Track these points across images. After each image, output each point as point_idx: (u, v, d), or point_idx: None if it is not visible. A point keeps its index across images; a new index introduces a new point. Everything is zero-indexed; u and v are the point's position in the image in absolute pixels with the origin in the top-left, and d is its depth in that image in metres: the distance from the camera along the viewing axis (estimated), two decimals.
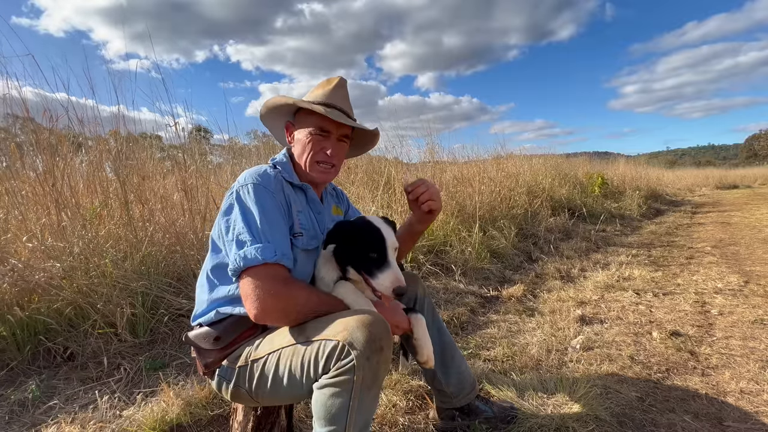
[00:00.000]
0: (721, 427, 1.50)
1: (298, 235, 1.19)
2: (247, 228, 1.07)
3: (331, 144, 1.25)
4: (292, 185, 1.24)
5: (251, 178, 1.15)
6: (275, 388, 1.06)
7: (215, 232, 1.18)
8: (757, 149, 62.70)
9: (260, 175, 1.16)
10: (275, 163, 1.27)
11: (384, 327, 1.01)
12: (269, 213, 1.11)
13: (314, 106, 1.20)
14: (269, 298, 1.02)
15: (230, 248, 1.08)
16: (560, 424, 1.46)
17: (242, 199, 1.12)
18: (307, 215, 1.25)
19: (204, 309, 1.19)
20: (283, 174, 1.22)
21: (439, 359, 1.45)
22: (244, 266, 1.04)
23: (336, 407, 0.96)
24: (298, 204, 1.23)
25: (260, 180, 1.14)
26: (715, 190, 17.05)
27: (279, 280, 1.05)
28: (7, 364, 1.85)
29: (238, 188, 1.14)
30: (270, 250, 1.05)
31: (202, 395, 1.61)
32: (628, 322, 2.50)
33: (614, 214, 6.87)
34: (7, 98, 2.34)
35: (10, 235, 2.11)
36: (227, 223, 1.11)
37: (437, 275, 3.28)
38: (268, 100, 1.30)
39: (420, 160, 5.42)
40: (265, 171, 1.19)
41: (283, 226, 1.14)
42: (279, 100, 1.28)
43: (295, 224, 1.19)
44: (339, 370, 0.96)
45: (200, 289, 1.23)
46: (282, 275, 1.06)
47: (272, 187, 1.15)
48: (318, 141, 1.24)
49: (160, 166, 3.17)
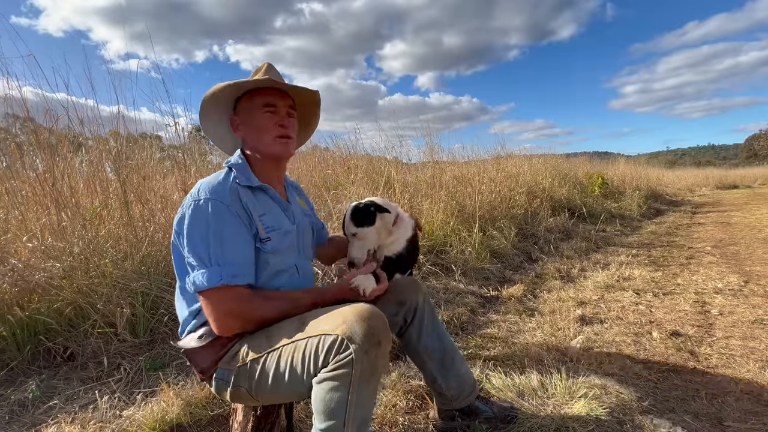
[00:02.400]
0: (721, 427, 1.50)
1: (265, 240, 1.16)
2: (193, 251, 1.07)
3: (282, 117, 1.23)
4: (251, 189, 1.19)
5: (204, 192, 1.10)
6: (276, 385, 1.06)
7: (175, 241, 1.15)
8: (757, 149, 62.71)
9: (213, 187, 1.12)
10: (230, 166, 1.21)
11: (382, 321, 1.02)
12: (222, 230, 1.08)
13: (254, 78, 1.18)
14: (223, 319, 1.08)
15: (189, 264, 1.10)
16: (560, 424, 1.46)
17: (194, 215, 1.08)
18: (272, 215, 1.21)
19: (186, 319, 1.19)
20: (239, 179, 1.16)
21: (440, 363, 1.44)
22: (194, 291, 1.07)
23: (335, 401, 0.97)
24: (259, 207, 1.18)
25: (213, 194, 1.10)
26: (715, 190, 17.05)
27: (233, 301, 1.07)
28: (7, 364, 1.85)
29: (192, 202, 1.10)
30: (215, 274, 1.05)
31: (202, 395, 1.61)
32: (628, 322, 2.50)
33: (614, 214, 6.87)
34: (7, 98, 2.35)
35: (10, 235, 2.11)
36: (181, 237, 1.10)
37: (437, 275, 3.28)
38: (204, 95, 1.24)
39: (420, 160, 5.43)
40: (218, 182, 1.14)
41: (239, 240, 1.10)
42: (217, 87, 1.22)
43: (260, 230, 1.15)
44: (337, 363, 0.97)
45: (179, 304, 1.21)
46: (237, 296, 1.08)
47: (226, 198, 1.10)
48: (269, 118, 1.21)
49: (160, 166, 3.17)
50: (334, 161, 4.52)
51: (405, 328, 1.44)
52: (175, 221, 1.13)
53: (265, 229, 1.17)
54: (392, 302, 1.40)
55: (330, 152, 4.88)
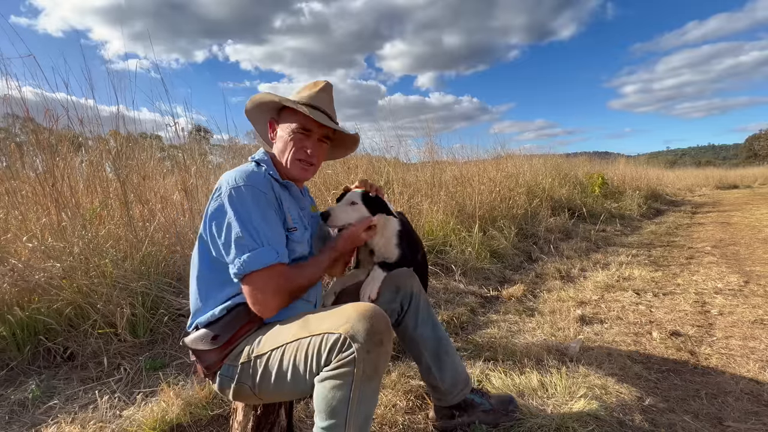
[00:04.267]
0: (721, 427, 1.50)
1: (292, 230, 1.23)
2: (246, 232, 1.09)
3: (312, 143, 1.28)
4: (278, 182, 1.26)
5: (241, 180, 1.15)
6: (279, 383, 1.07)
7: (205, 232, 1.18)
8: (757, 149, 62.69)
9: (249, 175, 1.17)
10: (258, 161, 1.28)
11: (385, 321, 1.03)
12: (265, 214, 1.13)
13: (299, 106, 1.22)
14: (272, 299, 1.12)
15: (228, 252, 1.11)
16: (560, 424, 1.46)
17: (235, 201, 1.12)
18: (294, 210, 1.29)
19: (202, 311, 1.19)
20: (269, 171, 1.24)
21: (434, 354, 1.46)
22: (247, 271, 1.08)
23: (337, 400, 0.97)
24: (287, 200, 1.26)
25: (250, 180, 1.15)
26: (715, 190, 17.05)
27: (280, 278, 1.12)
28: (7, 364, 1.85)
29: (230, 189, 1.13)
30: (271, 253, 1.10)
31: (202, 395, 1.61)
32: (628, 322, 2.50)
33: (614, 214, 6.87)
34: (7, 98, 2.35)
35: (10, 235, 2.11)
36: (221, 226, 1.12)
37: (437, 275, 3.28)
38: (255, 96, 1.32)
39: (420, 160, 5.43)
40: (252, 170, 1.21)
41: (279, 224, 1.17)
42: (265, 97, 1.29)
43: (288, 219, 1.23)
44: (340, 362, 0.97)
45: (195, 293, 1.22)
46: (282, 273, 1.13)
47: (263, 186, 1.17)
48: (300, 139, 1.26)
49: (160, 166, 3.17)
50: (333, 161, 4.52)
51: (402, 315, 1.46)
52: (208, 211, 1.16)
53: (293, 219, 1.25)
54: (390, 288, 1.44)
55: None
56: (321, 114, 1.26)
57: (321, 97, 1.30)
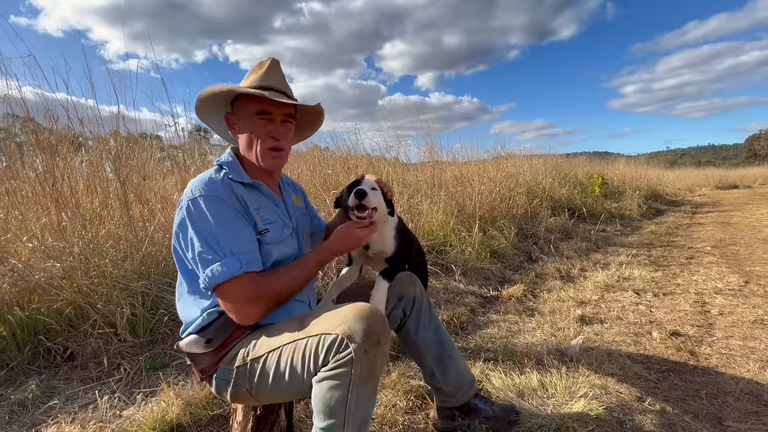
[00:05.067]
0: (721, 427, 1.50)
1: (264, 232, 1.17)
2: (206, 245, 1.06)
3: (276, 127, 1.20)
4: (243, 185, 1.19)
5: (198, 190, 1.10)
6: (276, 384, 1.07)
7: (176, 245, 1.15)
8: (757, 149, 62.67)
9: (206, 184, 1.11)
10: (221, 164, 1.21)
11: (382, 321, 1.02)
12: (226, 222, 1.08)
13: (249, 90, 1.15)
14: (244, 307, 1.08)
15: (197, 266, 1.08)
16: (560, 424, 1.46)
17: (193, 214, 1.08)
18: (267, 209, 1.22)
19: (193, 318, 1.17)
20: (231, 175, 1.17)
21: (437, 357, 1.46)
22: (213, 285, 1.06)
23: (335, 400, 0.97)
24: (255, 201, 1.19)
25: (207, 190, 1.10)
26: (715, 190, 17.05)
27: (250, 286, 1.08)
28: (7, 364, 1.85)
29: (187, 202, 1.09)
30: (235, 262, 1.06)
31: (202, 395, 1.61)
32: (628, 322, 2.50)
33: (614, 214, 6.87)
34: (7, 98, 2.35)
35: (10, 235, 2.11)
36: (185, 241, 1.09)
37: (437, 275, 3.28)
38: (201, 93, 1.22)
39: (419, 160, 5.43)
40: (210, 178, 1.14)
41: (245, 229, 1.12)
42: (212, 89, 1.20)
43: (258, 222, 1.17)
44: (337, 362, 0.97)
45: (182, 305, 1.21)
46: (252, 280, 1.08)
47: (221, 193, 1.11)
48: (262, 126, 1.18)
49: (160, 166, 3.17)
50: (334, 161, 4.52)
51: (404, 320, 1.46)
52: (175, 225, 1.13)
53: (263, 221, 1.18)
54: (392, 297, 1.43)
55: (330, 152, 4.88)
56: (276, 93, 1.17)
57: (270, 76, 1.21)
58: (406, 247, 1.52)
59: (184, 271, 1.18)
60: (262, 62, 1.25)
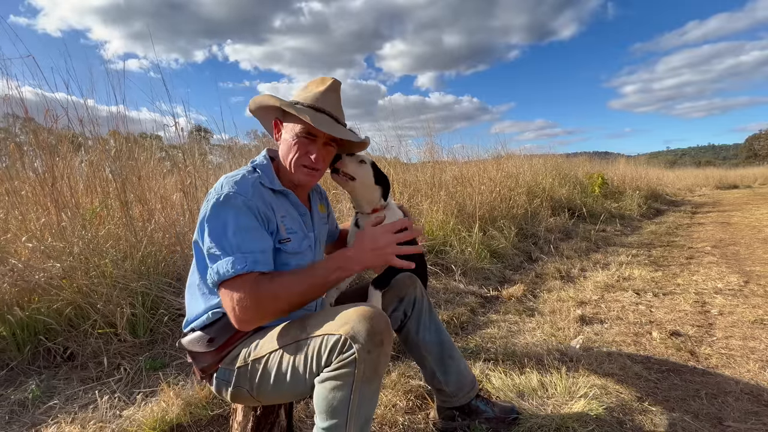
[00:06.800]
0: (721, 427, 1.50)
1: (285, 241, 1.16)
2: (217, 242, 1.05)
3: (317, 148, 1.20)
4: (272, 191, 1.19)
5: (228, 186, 1.10)
6: (278, 385, 1.07)
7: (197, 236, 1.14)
8: (757, 149, 62.68)
9: (237, 182, 1.11)
10: (255, 167, 1.21)
11: (385, 321, 1.02)
12: (244, 222, 1.07)
13: (302, 114, 1.14)
14: (242, 311, 1.02)
15: (208, 261, 1.08)
16: (560, 424, 1.46)
17: (216, 209, 1.08)
18: (292, 219, 1.22)
19: (197, 314, 1.17)
20: (263, 180, 1.17)
21: (438, 358, 1.46)
22: (218, 281, 1.04)
23: (337, 400, 0.97)
24: (282, 209, 1.19)
25: (237, 188, 1.09)
26: (715, 190, 17.06)
27: (253, 287, 1.02)
28: (7, 364, 1.85)
29: (215, 197, 1.09)
30: (240, 260, 1.03)
31: (202, 395, 1.61)
32: (628, 322, 2.50)
33: (614, 214, 6.87)
34: (7, 98, 2.35)
35: (10, 235, 2.11)
36: (202, 234, 1.09)
37: (437, 275, 3.28)
38: (256, 98, 1.25)
39: (420, 160, 5.43)
40: (243, 176, 1.14)
41: (260, 232, 1.10)
42: (266, 101, 1.23)
43: (281, 230, 1.16)
44: (340, 363, 0.97)
45: (191, 296, 1.20)
46: (256, 281, 1.03)
47: (249, 194, 1.10)
48: (304, 144, 1.19)
49: (160, 166, 3.17)
50: None
51: (405, 321, 1.46)
52: (199, 217, 1.12)
53: (287, 230, 1.18)
54: (393, 299, 1.43)
55: None
56: (327, 119, 1.19)
57: (327, 98, 1.21)
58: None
59: (200, 262, 1.16)
60: (324, 79, 1.26)
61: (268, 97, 1.23)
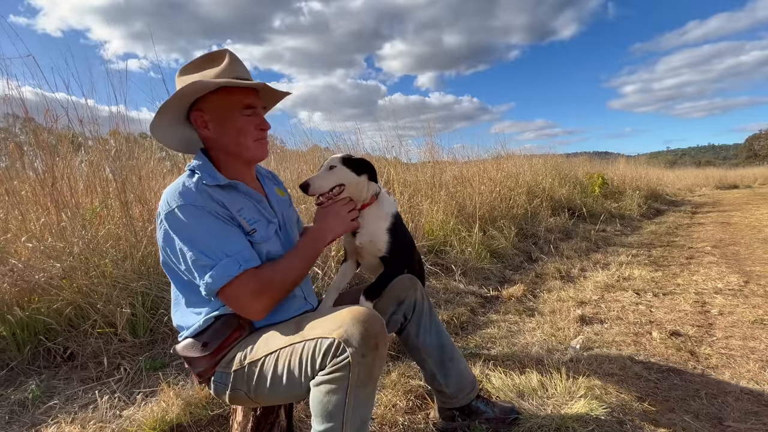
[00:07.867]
0: (721, 427, 1.50)
1: (252, 232, 1.15)
2: (199, 253, 1.04)
3: (261, 118, 1.20)
4: (219, 187, 1.13)
5: (173, 201, 1.06)
6: (274, 387, 1.07)
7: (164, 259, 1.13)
8: (757, 149, 62.69)
9: (180, 193, 1.07)
10: (192, 169, 1.15)
11: (380, 324, 1.01)
12: (210, 227, 1.06)
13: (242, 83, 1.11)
14: (252, 303, 1.08)
15: (193, 275, 1.07)
16: (560, 424, 1.46)
17: (174, 226, 1.06)
18: (249, 208, 1.18)
19: (189, 325, 1.17)
20: (205, 179, 1.11)
21: (438, 360, 1.45)
22: (215, 289, 1.04)
23: (332, 404, 0.97)
24: (235, 203, 1.15)
25: (182, 199, 1.06)
26: (715, 190, 17.05)
27: (253, 281, 1.07)
28: (7, 364, 1.85)
29: (166, 215, 1.07)
30: (232, 263, 1.04)
31: (202, 395, 1.61)
32: (628, 322, 2.50)
33: (614, 214, 6.87)
34: (7, 98, 2.35)
35: (10, 235, 2.11)
36: (175, 254, 1.07)
37: (437, 275, 3.28)
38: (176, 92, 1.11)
39: (420, 160, 5.43)
40: (183, 185, 1.09)
41: (231, 230, 1.10)
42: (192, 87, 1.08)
43: (243, 224, 1.13)
44: (334, 366, 0.96)
45: (181, 314, 1.19)
46: (253, 275, 1.08)
47: (197, 201, 1.07)
48: (249, 120, 1.16)
49: (160, 166, 3.17)
50: None
51: (405, 324, 1.45)
52: (159, 240, 1.10)
53: (248, 222, 1.15)
54: (392, 302, 1.41)
55: (330, 152, 4.88)
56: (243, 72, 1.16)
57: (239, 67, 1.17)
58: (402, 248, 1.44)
59: (179, 282, 1.16)
60: (216, 54, 1.18)
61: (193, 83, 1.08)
